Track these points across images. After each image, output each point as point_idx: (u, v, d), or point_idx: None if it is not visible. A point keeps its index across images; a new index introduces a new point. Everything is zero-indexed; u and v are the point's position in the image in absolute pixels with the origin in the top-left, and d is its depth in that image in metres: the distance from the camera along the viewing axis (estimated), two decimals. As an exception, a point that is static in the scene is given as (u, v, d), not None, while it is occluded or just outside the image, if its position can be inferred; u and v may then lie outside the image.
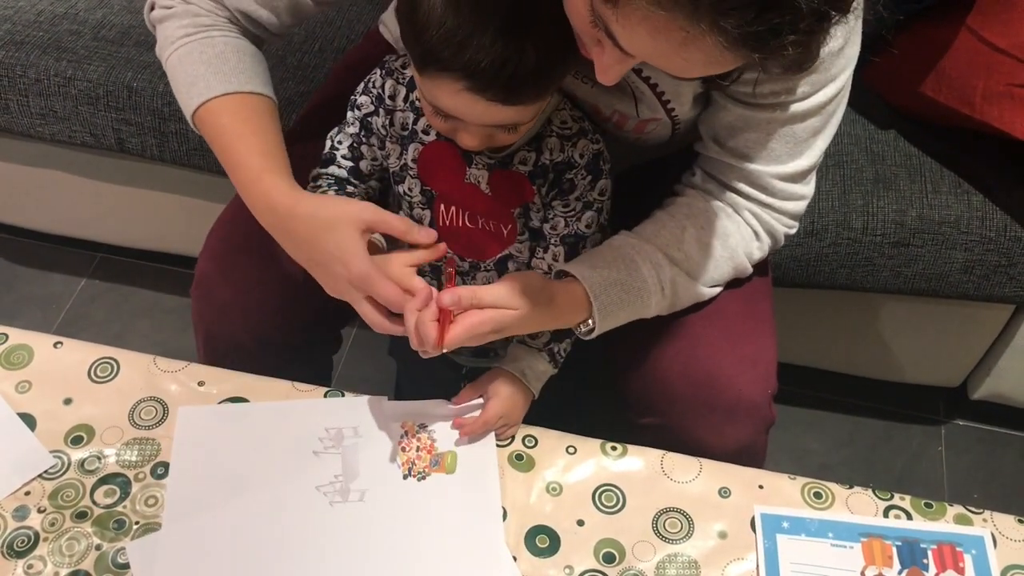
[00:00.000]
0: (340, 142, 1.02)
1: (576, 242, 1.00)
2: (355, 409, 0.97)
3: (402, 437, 0.96)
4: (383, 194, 1.07)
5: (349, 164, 1.02)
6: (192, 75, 0.93)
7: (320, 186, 1.01)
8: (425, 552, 0.89)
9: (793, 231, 1.01)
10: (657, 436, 1.01)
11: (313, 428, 0.95)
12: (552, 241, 1.00)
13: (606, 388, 1.00)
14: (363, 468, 0.93)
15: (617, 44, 0.70)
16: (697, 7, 0.61)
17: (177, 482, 0.91)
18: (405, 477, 0.93)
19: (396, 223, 0.91)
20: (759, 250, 1.00)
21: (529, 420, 0.99)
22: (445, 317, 0.85)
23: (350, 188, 1.02)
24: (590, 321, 0.93)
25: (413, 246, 0.93)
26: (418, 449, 0.95)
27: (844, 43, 0.87)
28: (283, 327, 1.06)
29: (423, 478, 0.93)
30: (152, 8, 0.99)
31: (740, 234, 0.98)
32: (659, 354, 1.01)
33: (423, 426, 0.97)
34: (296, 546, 0.88)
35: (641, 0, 0.63)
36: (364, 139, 1.01)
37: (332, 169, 1.02)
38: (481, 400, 0.97)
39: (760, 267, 1.05)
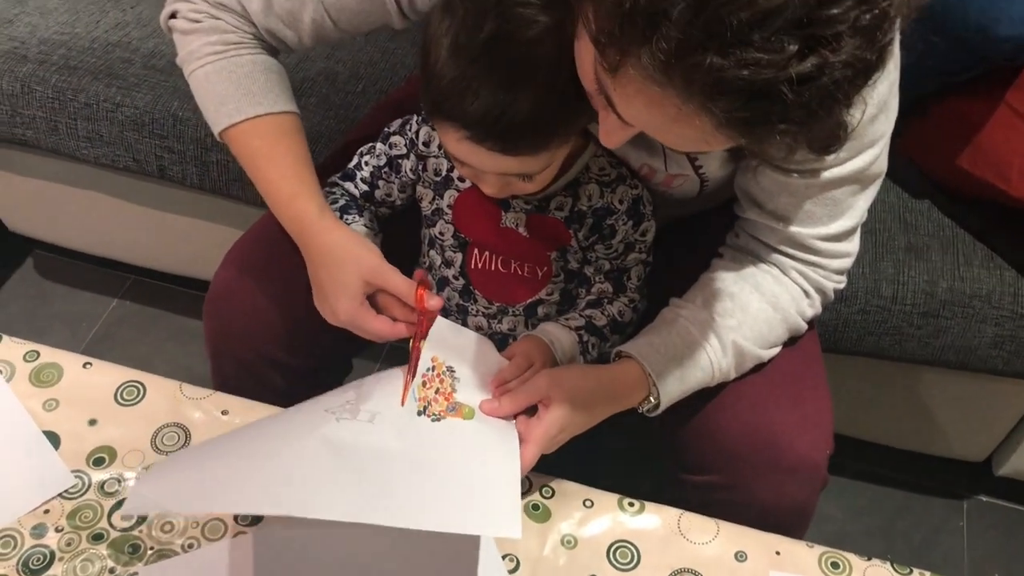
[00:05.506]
0: (366, 163, 1.05)
1: (620, 276, 1.02)
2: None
3: (428, 371, 0.91)
4: (395, 219, 1.09)
5: (364, 188, 1.05)
6: (222, 94, 0.96)
7: (333, 192, 1.04)
8: (427, 486, 0.81)
9: (843, 286, 1.02)
10: (706, 494, 1.01)
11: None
12: (596, 279, 1.02)
13: (638, 439, 0.98)
14: (377, 395, 0.89)
15: (616, 112, 0.71)
16: (689, 87, 0.62)
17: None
18: (419, 413, 0.88)
19: (399, 284, 0.92)
20: (811, 307, 1.00)
21: (552, 470, 0.97)
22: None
23: (359, 202, 1.06)
24: (651, 399, 0.95)
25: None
26: (437, 391, 0.90)
27: (878, 111, 0.88)
28: (290, 349, 1.07)
29: (437, 420, 0.88)
30: (173, 16, 0.98)
31: (790, 294, 0.99)
32: (718, 414, 1.00)
33: (451, 369, 0.92)
34: (290, 450, 0.82)
35: (636, 73, 0.64)
36: (385, 175, 1.04)
37: (348, 185, 1.05)
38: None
39: (808, 328, 1.05)
